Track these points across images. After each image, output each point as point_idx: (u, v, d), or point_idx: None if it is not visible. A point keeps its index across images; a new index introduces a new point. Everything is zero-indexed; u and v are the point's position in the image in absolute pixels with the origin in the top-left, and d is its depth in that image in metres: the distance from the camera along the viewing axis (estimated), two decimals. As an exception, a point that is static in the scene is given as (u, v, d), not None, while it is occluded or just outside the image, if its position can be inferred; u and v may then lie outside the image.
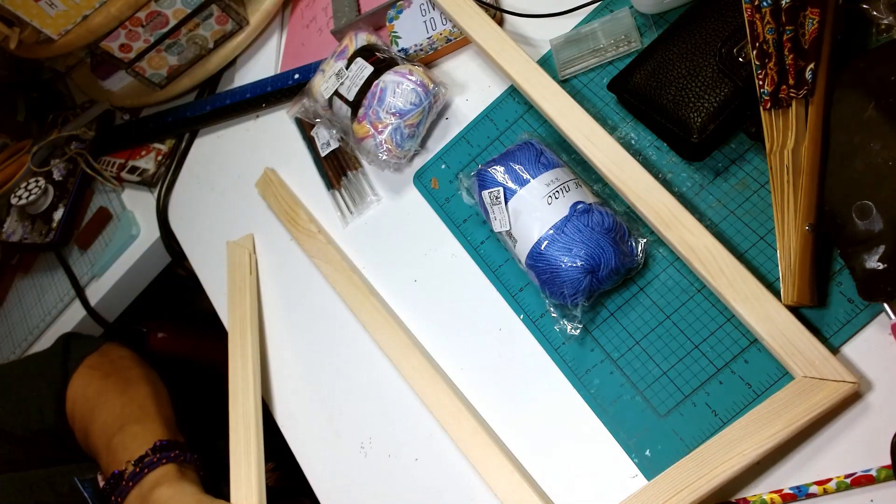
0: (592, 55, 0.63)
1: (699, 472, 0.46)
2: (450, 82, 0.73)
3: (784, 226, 0.49)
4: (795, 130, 0.49)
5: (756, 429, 0.45)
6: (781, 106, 0.50)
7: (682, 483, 0.46)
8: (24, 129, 1.14)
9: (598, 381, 0.54)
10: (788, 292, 0.47)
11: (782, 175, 0.49)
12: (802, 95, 0.50)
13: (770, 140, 0.51)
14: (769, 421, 0.45)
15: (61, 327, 0.93)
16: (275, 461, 0.88)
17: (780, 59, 0.50)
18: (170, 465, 0.63)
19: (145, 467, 0.62)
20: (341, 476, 0.63)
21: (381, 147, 0.68)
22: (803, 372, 0.46)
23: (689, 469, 0.46)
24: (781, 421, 0.45)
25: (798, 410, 0.45)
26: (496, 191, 0.57)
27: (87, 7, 0.82)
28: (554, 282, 0.53)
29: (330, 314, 0.70)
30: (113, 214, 0.94)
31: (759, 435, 0.45)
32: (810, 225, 0.48)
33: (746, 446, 0.45)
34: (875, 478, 0.43)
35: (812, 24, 0.49)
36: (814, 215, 0.48)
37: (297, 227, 0.74)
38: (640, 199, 0.53)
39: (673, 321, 0.53)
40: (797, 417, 0.45)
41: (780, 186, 0.49)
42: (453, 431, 0.57)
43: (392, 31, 0.73)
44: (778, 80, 0.50)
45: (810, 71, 0.49)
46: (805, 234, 0.48)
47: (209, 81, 0.95)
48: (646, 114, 0.58)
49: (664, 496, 0.46)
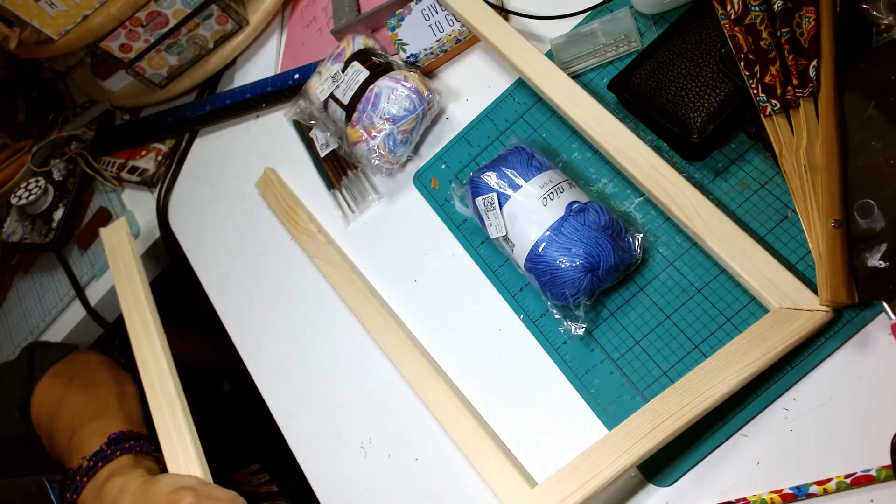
0: (592, 55, 0.63)
1: (683, 401, 0.47)
2: (449, 83, 0.73)
3: (811, 226, 0.48)
4: (808, 129, 0.49)
5: (736, 358, 0.47)
6: (791, 107, 0.50)
7: (668, 412, 0.48)
8: (24, 129, 1.14)
9: (598, 381, 0.54)
10: (823, 292, 0.46)
11: (801, 175, 0.49)
12: (809, 93, 0.50)
13: (778, 144, 0.50)
14: (748, 350, 0.47)
15: (61, 327, 0.93)
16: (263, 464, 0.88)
17: (782, 60, 0.50)
18: (125, 457, 0.62)
19: (99, 461, 0.61)
20: (341, 476, 0.63)
21: (374, 152, 0.68)
22: (778, 303, 0.48)
23: (672, 399, 0.48)
24: (759, 349, 0.47)
25: (775, 339, 0.47)
26: (490, 197, 0.57)
27: (87, 7, 0.82)
28: (554, 283, 0.53)
29: (330, 314, 0.70)
30: (113, 214, 0.94)
31: (738, 363, 0.47)
32: (836, 221, 0.47)
33: (728, 374, 0.47)
34: (875, 478, 0.43)
35: (809, 23, 0.50)
36: (839, 211, 0.47)
37: (297, 227, 0.74)
38: (620, 152, 0.56)
39: (673, 321, 0.53)
40: (775, 345, 0.47)
41: (801, 187, 0.49)
42: (453, 431, 0.57)
43: (396, 40, 0.73)
44: (783, 82, 0.50)
45: (813, 68, 0.49)
46: (831, 232, 0.47)
47: (209, 81, 0.95)
48: (646, 114, 0.58)
49: (651, 424, 0.48)
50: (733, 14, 0.52)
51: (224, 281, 0.80)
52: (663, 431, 0.47)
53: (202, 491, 0.56)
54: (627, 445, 0.48)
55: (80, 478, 0.61)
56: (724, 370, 0.47)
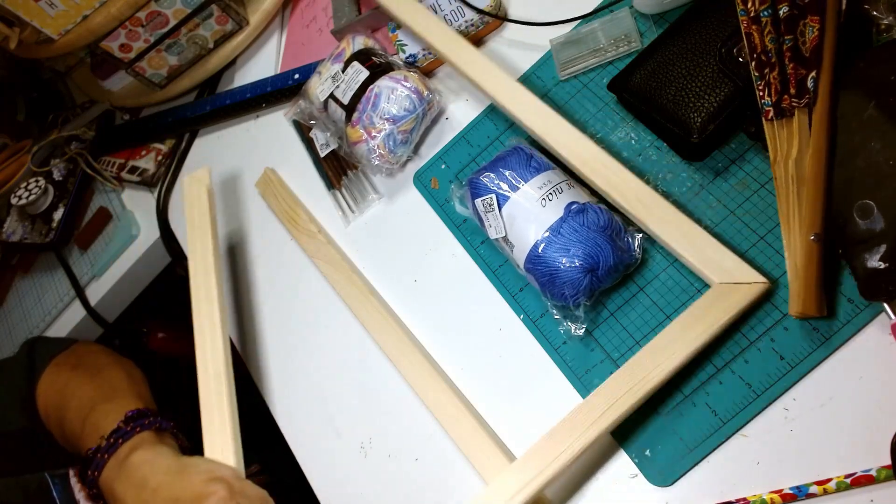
0: (592, 55, 0.63)
1: (634, 379, 0.49)
2: (449, 84, 0.73)
3: (790, 236, 0.48)
4: (799, 140, 0.49)
5: (681, 334, 0.49)
6: (785, 115, 0.50)
7: (620, 391, 0.49)
8: (24, 129, 1.14)
9: (598, 381, 0.54)
10: (794, 303, 0.47)
11: (787, 185, 0.49)
12: (804, 104, 0.49)
13: (773, 150, 0.50)
14: (692, 325, 0.49)
15: (61, 327, 0.93)
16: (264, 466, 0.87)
17: (781, 68, 0.50)
18: (145, 432, 0.60)
19: (119, 437, 0.59)
20: (341, 476, 0.63)
21: (374, 152, 0.68)
22: (719, 279, 0.50)
23: (623, 379, 0.50)
24: (703, 324, 0.49)
25: (717, 312, 0.49)
26: (489, 198, 0.57)
27: (87, 7, 0.82)
28: (554, 283, 0.53)
29: (330, 314, 0.70)
30: (113, 214, 0.94)
31: (684, 338, 0.49)
32: (815, 235, 0.47)
33: (674, 349, 0.49)
34: (875, 478, 0.43)
35: (812, 32, 0.49)
36: (819, 225, 0.47)
37: (297, 227, 0.74)
38: (566, 147, 0.56)
39: (673, 321, 0.53)
40: (718, 318, 0.49)
41: (786, 196, 0.49)
42: (453, 431, 0.57)
43: (397, 41, 0.73)
44: (780, 90, 0.50)
45: (811, 79, 0.49)
46: (810, 245, 0.47)
47: (209, 81, 0.95)
48: (646, 114, 0.58)
49: (605, 405, 0.49)
50: (753, 11, 0.51)
51: (224, 282, 0.80)
52: (618, 409, 0.49)
53: (236, 486, 0.53)
54: (587, 424, 0.50)
55: (100, 455, 0.59)
56: (670, 346, 0.49)
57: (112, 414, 0.62)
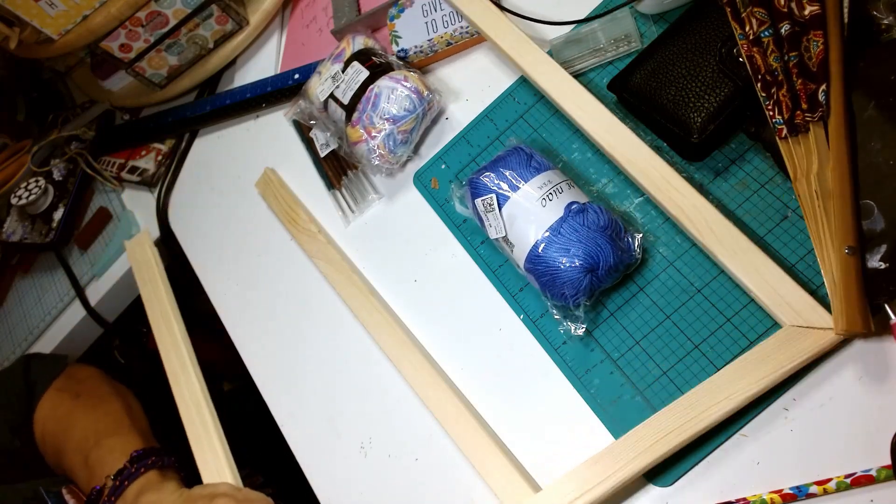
0: (592, 55, 0.63)
1: (688, 415, 0.47)
2: (449, 83, 0.73)
3: (823, 251, 0.47)
4: (818, 154, 0.48)
5: (744, 374, 0.47)
6: (799, 132, 0.49)
7: (672, 425, 0.48)
8: (24, 129, 1.14)
9: (598, 381, 0.54)
10: (839, 322, 0.45)
11: (812, 201, 0.48)
12: (819, 118, 0.49)
13: (792, 168, 0.49)
14: (756, 367, 0.47)
15: (61, 327, 0.93)
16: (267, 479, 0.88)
17: (790, 85, 0.49)
18: (150, 473, 0.63)
19: (125, 479, 0.62)
20: (341, 476, 0.63)
21: (374, 152, 0.68)
22: (790, 321, 0.47)
23: (678, 412, 0.48)
24: (768, 366, 0.47)
25: (784, 356, 0.46)
26: (489, 198, 0.57)
27: (87, 7, 0.81)
28: (554, 283, 0.53)
29: (330, 314, 0.70)
30: (113, 214, 0.94)
31: (746, 379, 0.47)
32: (849, 248, 0.45)
33: (733, 390, 0.47)
34: (875, 478, 0.43)
35: (818, 47, 0.49)
36: (852, 237, 0.46)
37: (297, 227, 0.74)
38: (632, 163, 0.55)
39: (673, 321, 0.53)
40: (784, 363, 0.46)
41: (812, 212, 0.48)
42: (453, 431, 0.57)
43: (393, 31, 0.73)
44: (792, 107, 0.49)
45: (822, 92, 0.49)
46: (845, 259, 0.45)
47: (209, 81, 0.95)
48: (646, 114, 0.58)
49: (655, 437, 0.48)
50: (752, 34, 0.51)
51: (224, 281, 0.80)
52: (667, 444, 0.47)
53: (238, 496, 0.59)
54: (631, 456, 0.48)
55: (106, 497, 0.62)
56: (731, 385, 0.47)
57: (116, 451, 0.65)
